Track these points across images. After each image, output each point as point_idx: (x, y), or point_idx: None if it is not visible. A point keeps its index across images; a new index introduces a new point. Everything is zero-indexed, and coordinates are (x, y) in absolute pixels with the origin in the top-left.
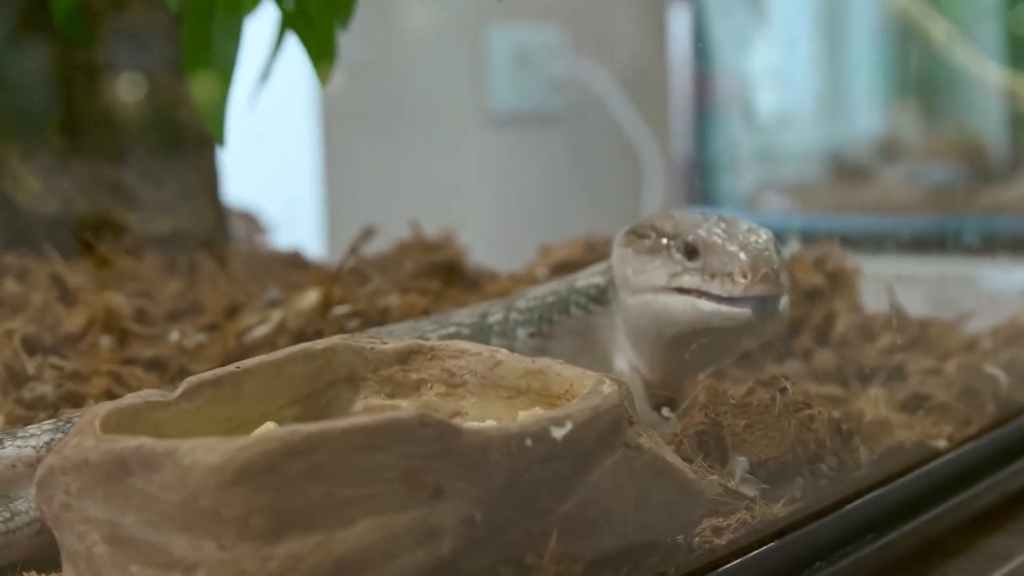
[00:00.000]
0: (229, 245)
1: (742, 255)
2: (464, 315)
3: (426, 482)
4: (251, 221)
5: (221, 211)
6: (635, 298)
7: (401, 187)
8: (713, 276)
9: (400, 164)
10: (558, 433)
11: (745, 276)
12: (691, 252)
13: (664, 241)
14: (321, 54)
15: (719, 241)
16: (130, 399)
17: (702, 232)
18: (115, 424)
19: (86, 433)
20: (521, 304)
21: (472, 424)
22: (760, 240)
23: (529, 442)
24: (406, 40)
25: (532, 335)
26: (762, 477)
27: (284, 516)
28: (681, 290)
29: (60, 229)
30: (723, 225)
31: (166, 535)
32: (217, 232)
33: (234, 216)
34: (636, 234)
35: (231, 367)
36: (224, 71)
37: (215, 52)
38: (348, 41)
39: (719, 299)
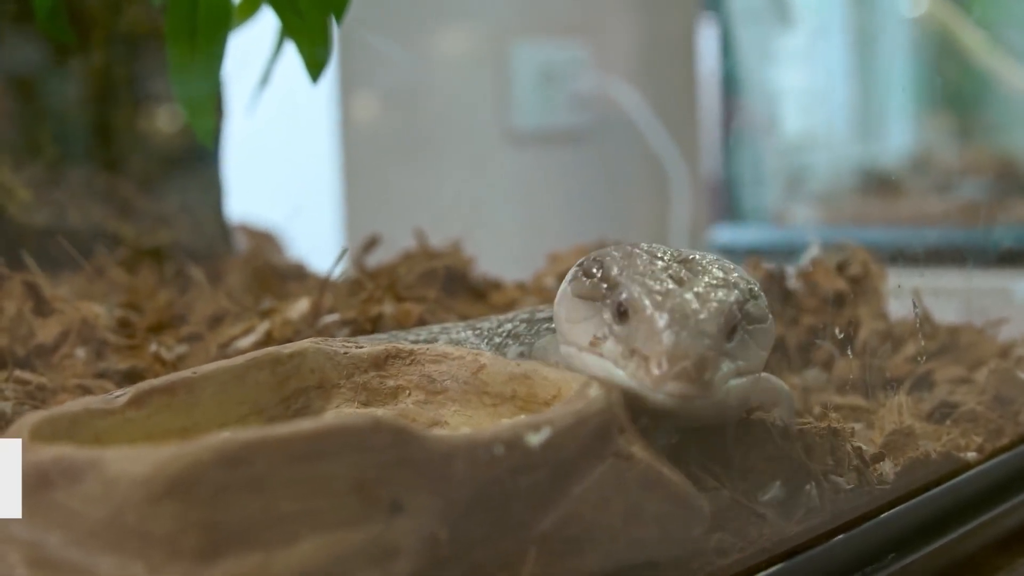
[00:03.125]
0: (231, 258)
1: (666, 336)
2: (416, 335)
3: (382, 495)
4: (269, 240)
5: (224, 225)
6: (564, 348)
7: (424, 205)
8: (632, 353)
9: (423, 182)
10: (534, 440)
11: (660, 366)
12: (622, 314)
13: (603, 289)
14: (314, 50)
15: (649, 309)
16: (68, 406)
17: (637, 292)
18: (48, 433)
19: None
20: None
21: (437, 430)
22: (700, 316)
23: (500, 450)
24: (429, 57)
25: None
26: (772, 491)
27: (219, 533)
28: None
29: (51, 240)
30: (673, 282)
31: (91, 555)
32: (219, 245)
33: (252, 235)
34: (583, 270)
35: (187, 372)
36: (209, 80)
37: (199, 64)
38: (372, 59)
39: None
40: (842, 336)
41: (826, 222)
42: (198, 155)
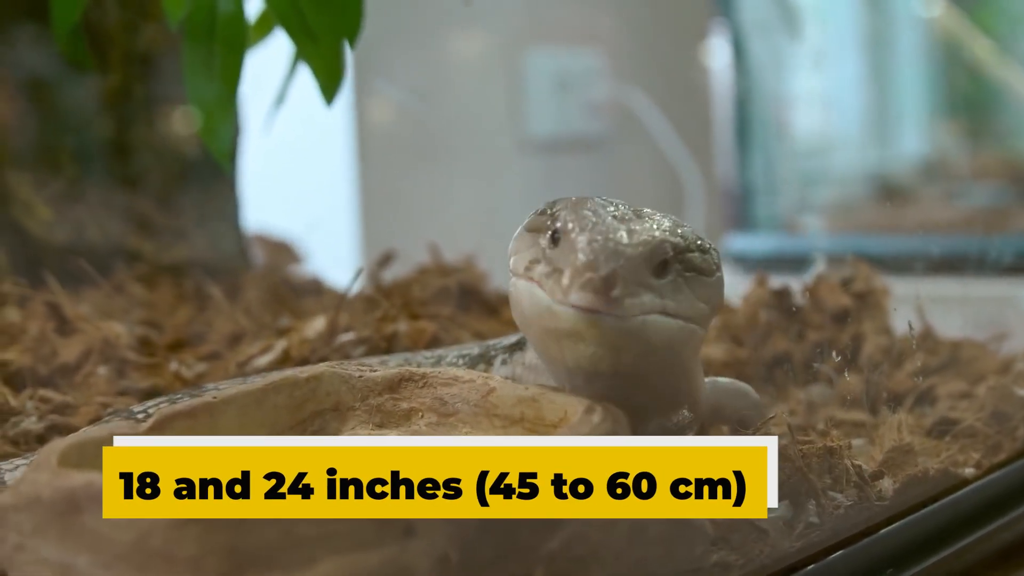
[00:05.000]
0: (249, 272)
1: (580, 254)
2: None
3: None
4: (286, 250)
5: (241, 238)
6: (511, 280)
7: (440, 214)
8: (553, 271)
9: (439, 190)
10: None
11: (568, 277)
12: (555, 239)
13: (547, 222)
14: (328, 73)
15: (574, 231)
16: (95, 431)
17: (569, 217)
18: (76, 458)
19: (42, 468)
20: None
21: None
22: (620, 240)
23: None
24: (444, 66)
25: None
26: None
27: (241, 556)
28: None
29: (72, 257)
30: (608, 214)
31: None
32: (237, 260)
33: (269, 245)
34: (538, 209)
35: (207, 396)
36: (226, 98)
37: (217, 82)
38: (387, 68)
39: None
40: (842, 356)
41: (837, 231)
42: (215, 170)
